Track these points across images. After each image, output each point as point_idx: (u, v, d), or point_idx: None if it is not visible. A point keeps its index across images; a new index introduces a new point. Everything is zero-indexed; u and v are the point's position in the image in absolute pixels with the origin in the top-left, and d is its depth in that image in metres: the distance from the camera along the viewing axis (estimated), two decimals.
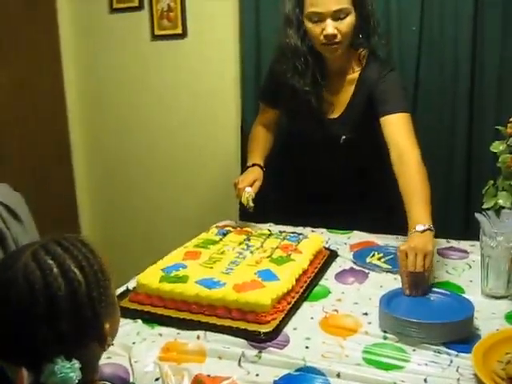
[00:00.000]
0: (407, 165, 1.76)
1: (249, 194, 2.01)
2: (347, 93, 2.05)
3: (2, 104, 2.58)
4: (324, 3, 1.84)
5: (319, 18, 1.87)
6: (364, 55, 2.01)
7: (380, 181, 2.09)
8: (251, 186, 2.05)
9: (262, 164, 2.16)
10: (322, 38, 1.89)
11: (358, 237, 2.05)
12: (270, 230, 1.98)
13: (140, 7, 2.93)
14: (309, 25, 1.90)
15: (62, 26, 3.03)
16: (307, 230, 2.06)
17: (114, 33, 3.02)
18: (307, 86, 2.00)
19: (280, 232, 1.96)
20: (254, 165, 2.15)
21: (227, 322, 1.41)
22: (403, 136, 1.84)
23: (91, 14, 3.05)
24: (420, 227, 1.59)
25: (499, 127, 1.80)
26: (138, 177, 2.58)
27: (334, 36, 1.88)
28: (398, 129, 1.87)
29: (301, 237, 1.87)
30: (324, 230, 2.11)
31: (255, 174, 2.11)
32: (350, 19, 1.88)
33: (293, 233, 1.94)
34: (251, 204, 2.00)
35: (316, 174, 2.20)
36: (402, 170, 1.77)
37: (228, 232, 1.94)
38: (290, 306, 1.49)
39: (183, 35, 2.87)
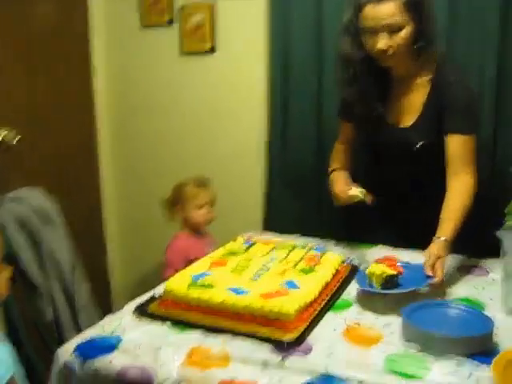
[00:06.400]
0: (457, 185, 1.83)
1: (360, 191, 1.92)
2: (419, 98, 1.95)
3: (39, 104, 2.66)
4: (375, 17, 1.78)
5: (372, 31, 1.82)
6: (435, 58, 1.92)
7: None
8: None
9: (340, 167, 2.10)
10: (375, 50, 1.85)
11: (383, 251, 2.04)
12: (294, 243, 2.01)
13: (171, 23, 3.00)
14: (364, 36, 1.86)
15: (95, 40, 3.10)
16: (330, 244, 2.08)
17: (145, 48, 3.09)
18: (358, 95, 1.96)
19: (304, 244, 1.98)
20: (332, 171, 2.10)
21: (252, 329, 1.44)
22: (462, 160, 1.86)
23: (123, 29, 3.12)
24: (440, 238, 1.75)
25: None
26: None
27: (385, 51, 1.83)
28: (459, 151, 1.86)
29: (325, 249, 1.90)
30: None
31: (343, 174, 2.05)
32: (405, 32, 1.80)
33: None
34: (368, 197, 1.91)
35: (387, 181, 2.10)
36: (451, 185, 1.84)
37: (254, 243, 1.98)
38: (314, 316, 1.52)
39: (212, 51, 2.93)
